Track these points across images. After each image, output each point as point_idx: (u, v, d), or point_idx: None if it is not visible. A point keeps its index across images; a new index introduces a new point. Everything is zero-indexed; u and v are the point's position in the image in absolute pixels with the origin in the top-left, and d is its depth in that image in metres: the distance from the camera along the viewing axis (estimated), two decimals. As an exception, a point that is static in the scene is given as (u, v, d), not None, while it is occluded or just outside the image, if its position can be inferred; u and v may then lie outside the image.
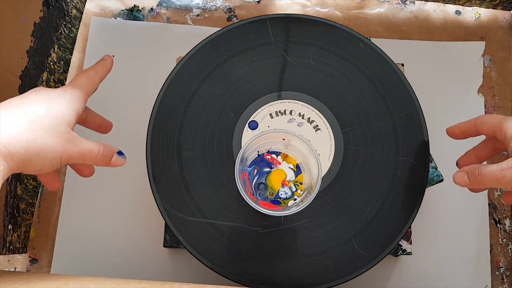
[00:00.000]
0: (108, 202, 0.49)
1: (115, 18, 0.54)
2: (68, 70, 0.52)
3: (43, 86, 0.48)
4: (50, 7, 0.48)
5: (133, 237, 0.48)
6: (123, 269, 0.47)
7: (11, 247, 0.45)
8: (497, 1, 0.53)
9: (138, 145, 0.49)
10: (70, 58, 0.53)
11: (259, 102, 0.44)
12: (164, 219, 0.42)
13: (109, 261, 0.47)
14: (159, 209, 0.42)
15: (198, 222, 0.41)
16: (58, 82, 0.51)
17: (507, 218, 0.49)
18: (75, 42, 0.53)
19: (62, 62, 0.51)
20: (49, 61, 0.49)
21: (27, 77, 0.46)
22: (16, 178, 0.46)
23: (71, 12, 0.52)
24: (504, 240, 0.49)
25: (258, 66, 0.45)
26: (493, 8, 0.54)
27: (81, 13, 0.54)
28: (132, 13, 0.55)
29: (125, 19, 0.54)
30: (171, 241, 0.44)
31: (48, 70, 0.49)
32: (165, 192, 0.42)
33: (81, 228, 0.48)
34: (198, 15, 0.55)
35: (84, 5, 0.54)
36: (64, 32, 0.51)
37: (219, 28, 0.46)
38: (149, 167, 0.42)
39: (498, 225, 0.49)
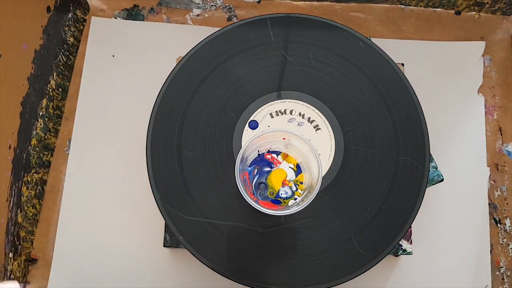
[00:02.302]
0: (108, 202, 0.49)
1: (115, 18, 0.54)
2: (66, 97, 0.52)
3: (42, 112, 0.48)
4: (50, 35, 0.48)
5: (133, 237, 0.48)
6: (123, 268, 0.47)
7: (11, 276, 0.45)
8: (496, 7, 0.53)
9: (138, 145, 0.49)
10: (68, 85, 0.53)
11: (259, 102, 0.44)
12: (164, 219, 0.42)
13: (109, 260, 0.47)
14: (159, 209, 0.42)
15: (198, 222, 0.41)
16: (56, 109, 0.51)
17: (508, 218, 0.49)
18: (73, 69, 0.53)
19: (61, 89, 0.51)
20: (48, 88, 0.49)
21: (27, 104, 0.45)
22: (17, 205, 0.45)
23: (69, 40, 0.52)
24: (505, 240, 0.49)
25: (258, 66, 0.45)
26: (492, 14, 0.54)
27: (78, 41, 0.54)
28: (132, 13, 0.55)
29: (125, 19, 0.54)
30: (171, 241, 0.44)
31: (47, 97, 0.49)
32: (165, 192, 0.42)
33: (81, 227, 0.48)
34: (198, 15, 0.55)
35: (81, 34, 0.54)
36: (62, 59, 0.51)
37: (219, 28, 0.46)
38: (149, 167, 0.42)
39: (499, 225, 0.49)
